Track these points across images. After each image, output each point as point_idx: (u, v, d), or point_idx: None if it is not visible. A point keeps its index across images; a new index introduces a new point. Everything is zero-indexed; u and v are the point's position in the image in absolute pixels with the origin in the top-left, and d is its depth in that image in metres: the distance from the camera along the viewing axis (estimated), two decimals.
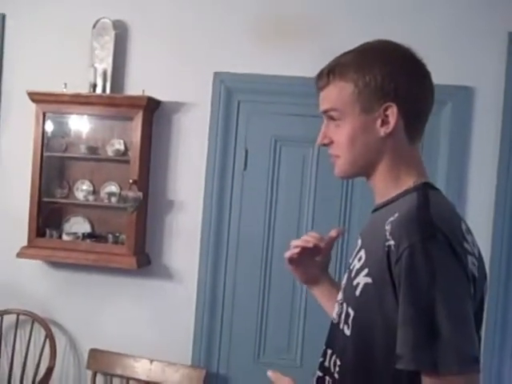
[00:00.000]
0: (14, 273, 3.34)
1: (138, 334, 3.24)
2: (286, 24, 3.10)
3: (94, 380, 3.13)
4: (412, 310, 1.05)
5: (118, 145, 3.22)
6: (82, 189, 3.29)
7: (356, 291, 1.18)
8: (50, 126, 3.24)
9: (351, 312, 1.20)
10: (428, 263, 1.05)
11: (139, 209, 3.09)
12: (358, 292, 1.18)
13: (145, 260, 3.21)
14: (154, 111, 3.19)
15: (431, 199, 1.17)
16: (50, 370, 3.16)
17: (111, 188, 3.26)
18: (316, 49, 2.98)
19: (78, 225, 3.30)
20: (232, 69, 3.13)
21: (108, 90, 3.16)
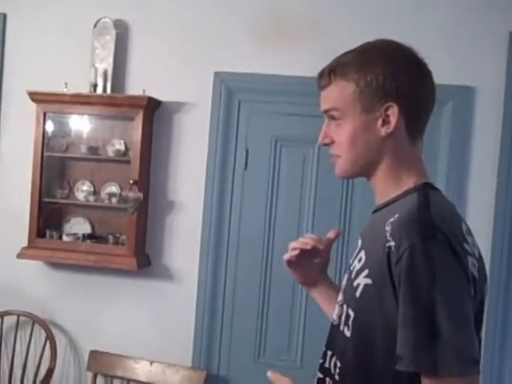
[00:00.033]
0: (14, 274, 3.34)
1: (139, 335, 3.24)
2: (286, 24, 3.10)
3: (94, 381, 3.13)
4: (412, 310, 1.05)
5: (119, 145, 3.22)
6: (83, 189, 3.28)
7: (356, 292, 1.18)
8: (50, 126, 3.24)
9: (351, 313, 1.19)
10: (428, 264, 1.04)
11: (140, 209, 3.09)
12: (359, 293, 1.17)
13: (145, 261, 3.21)
14: (154, 111, 3.19)
15: (432, 200, 1.16)
16: (50, 372, 3.16)
17: (112, 188, 3.26)
18: (316, 49, 2.98)
19: (78, 225, 3.30)
20: (232, 68, 3.13)
21: (109, 90, 3.15)
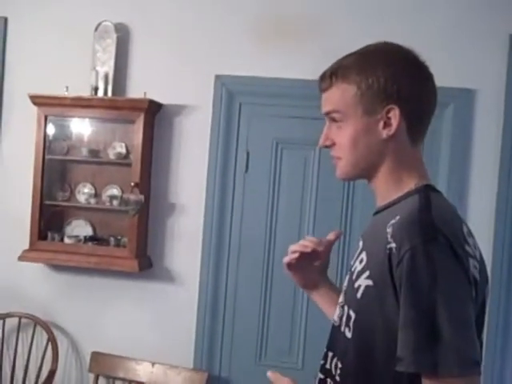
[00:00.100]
0: (16, 276, 3.35)
1: (140, 336, 3.24)
2: (287, 24, 3.10)
3: (96, 383, 3.12)
4: (413, 312, 1.05)
5: (120, 148, 3.22)
6: (84, 192, 3.29)
7: (357, 294, 1.18)
8: (51, 129, 3.24)
9: (352, 314, 1.20)
10: (429, 266, 1.05)
11: (141, 212, 3.09)
12: (360, 294, 1.17)
13: (146, 263, 3.21)
14: (155, 114, 3.20)
15: (433, 202, 1.16)
16: (52, 373, 3.15)
17: (113, 191, 3.26)
18: (317, 50, 2.99)
19: (79, 228, 3.30)
20: (233, 71, 3.13)
21: (110, 93, 3.16)
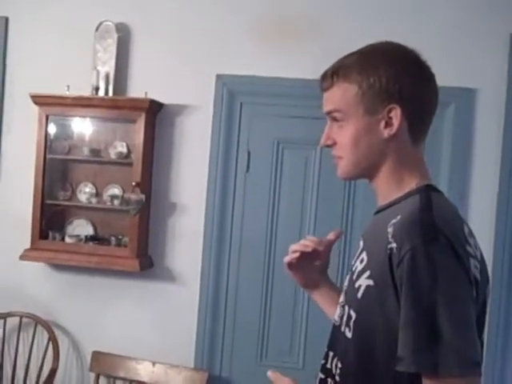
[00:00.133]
0: (17, 275, 3.35)
1: (141, 336, 3.25)
2: (287, 24, 3.10)
3: (96, 382, 3.13)
4: (413, 312, 1.05)
5: (121, 147, 3.22)
6: (85, 191, 3.29)
7: (358, 293, 1.18)
8: (52, 129, 3.24)
9: (353, 314, 1.20)
10: (430, 266, 1.05)
11: (142, 211, 3.09)
12: (360, 294, 1.17)
13: (147, 262, 3.21)
14: (156, 114, 3.20)
15: (434, 202, 1.16)
16: (52, 373, 3.16)
17: (114, 190, 3.26)
18: (318, 50, 2.99)
19: (80, 227, 3.31)
20: (234, 70, 3.13)
21: (110, 93, 3.16)
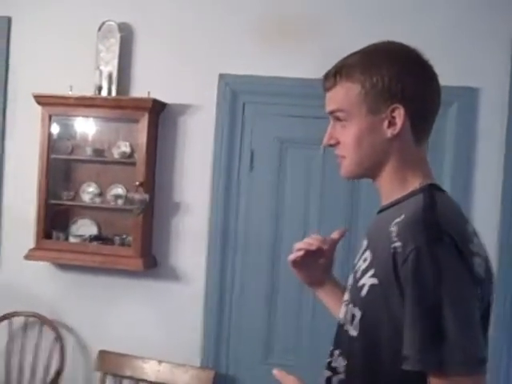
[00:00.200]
0: (22, 275, 3.36)
1: (146, 335, 3.25)
2: (288, 24, 3.10)
3: (103, 381, 3.13)
4: (418, 311, 1.05)
5: (124, 147, 3.23)
6: (89, 191, 3.29)
7: (362, 292, 1.18)
8: (55, 129, 3.25)
9: (357, 313, 1.20)
10: (434, 265, 1.05)
11: (145, 211, 3.10)
12: (364, 293, 1.18)
13: (151, 262, 3.22)
14: (159, 113, 3.20)
15: (437, 201, 1.16)
16: (59, 372, 3.17)
17: (117, 190, 3.27)
18: (319, 50, 2.99)
19: (84, 227, 3.31)
20: (235, 71, 3.13)
21: (113, 93, 3.16)
